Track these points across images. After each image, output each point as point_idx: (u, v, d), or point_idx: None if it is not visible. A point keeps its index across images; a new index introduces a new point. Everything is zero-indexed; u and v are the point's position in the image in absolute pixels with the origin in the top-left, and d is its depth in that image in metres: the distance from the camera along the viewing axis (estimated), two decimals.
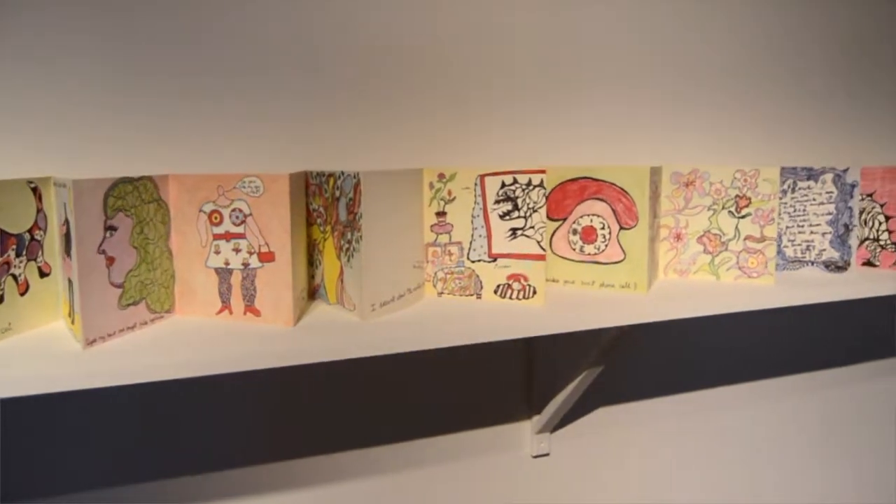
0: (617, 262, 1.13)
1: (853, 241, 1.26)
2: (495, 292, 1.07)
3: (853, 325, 1.75)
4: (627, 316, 1.02)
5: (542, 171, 1.02)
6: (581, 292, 1.13)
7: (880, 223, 1.36)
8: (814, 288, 1.18)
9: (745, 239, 1.21)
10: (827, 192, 1.28)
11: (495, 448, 1.31)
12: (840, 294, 1.20)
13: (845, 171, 1.26)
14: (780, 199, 1.31)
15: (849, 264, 1.27)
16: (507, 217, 1.05)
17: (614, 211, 1.13)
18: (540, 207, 1.02)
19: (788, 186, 1.30)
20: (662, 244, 1.27)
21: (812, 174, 1.28)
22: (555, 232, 1.18)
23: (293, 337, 0.88)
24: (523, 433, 1.34)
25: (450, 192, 1.08)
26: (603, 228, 1.14)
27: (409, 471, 1.25)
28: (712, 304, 1.09)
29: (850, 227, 1.26)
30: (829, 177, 1.27)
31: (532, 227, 1.03)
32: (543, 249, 1.03)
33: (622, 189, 1.12)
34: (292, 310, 0.94)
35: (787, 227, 1.31)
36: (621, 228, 1.12)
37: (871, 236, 1.37)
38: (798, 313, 1.63)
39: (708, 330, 1.54)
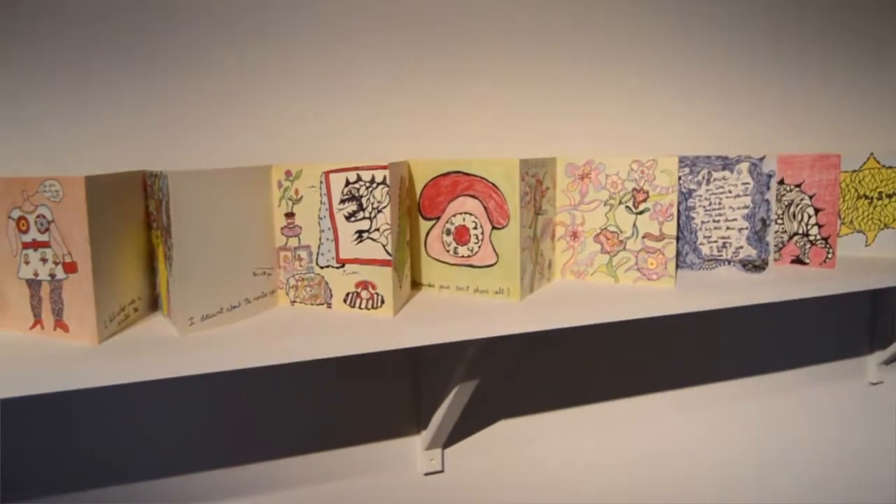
0: (490, 265, 1.02)
1: (770, 238, 1.13)
2: (345, 301, 0.97)
3: (779, 327, 1.61)
4: (488, 327, 0.92)
5: (385, 167, 0.91)
6: (452, 299, 1.03)
7: (809, 216, 1.23)
8: (720, 291, 1.06)
9: (643, 237, 1.09)
10: (743, 184, 1.15)
11: (385, 465, 1.21)
12: (749, 298, 1.07)
13: (762, 159, 1.13)
14: (695, 191, 1.18)
15: (766, 263, 1.14)
16: (353, 218, 0.95)
17: (486, 209, 1.01)
18: (384, 207, 0.92)
19: (703, 177, 1.18)
20: (559, 243, 1.15)
21: (727, 163, 1.15)
22: (429, 232, 1.07)
23: (89, 357, 0.79)
24: (413, 449, 1.24)
25: (297, 191, 0.98)
26: (475, 228, 1.03)
27: (294, 490, 1.17)
28: (597, 310, 0.98)
29: (768, 221, 1.13)
30: (745, 166, 1.14)
31: (377, 230, 0.93)
32: (390, 254, 0.93)
33: (493, 184, 1.00)
34: (96, 325, 0.85)
35: (703, 223, 1.18)
36: (493, 228, 1.01)
37: (801, 231, 1.24)
38: (724, 315, 1.50)
39: (613, 335, 1.42)
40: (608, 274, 1.12)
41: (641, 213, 1.08)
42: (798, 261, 1.25)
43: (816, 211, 1.22)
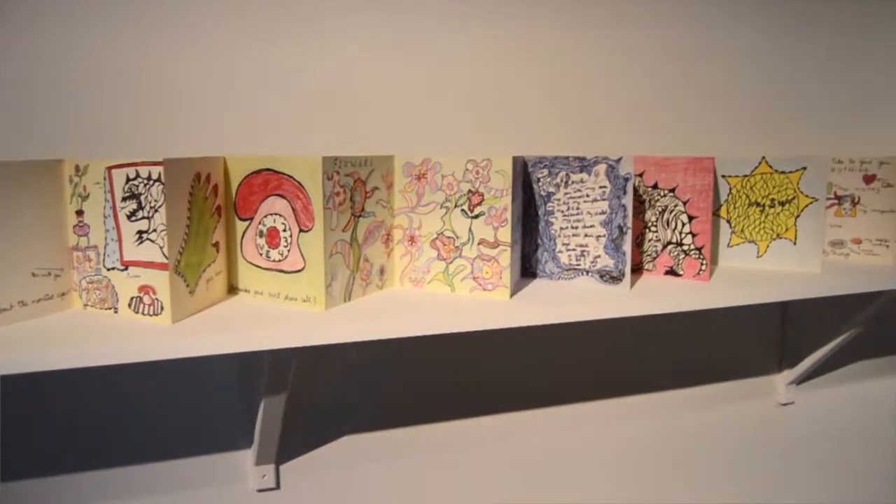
0: (298, 270, 0.94)
1: (628, 247, 1.04)
2: (129, 306, 0.89)
3: (684, 340, 1.50)
4: (271, 338, 0.84)
5: (159, 163, 0.84)
6: (261, 306, 0.95)
7: (683, 224, 1.13)
8: (561, 304, 0.97)
9: (478, 243, 1.00)
10: (600, 187, 1.05)
11: (216, 480, 1.14)
12: (592, 312, 0.98)
13: (618, 160, 1.03)
14: (554, 194, 1.09)
15: (623, 274, 1.04)
16: (134, 217, 0.87)
17: (294, 210, 0.93)
18: (160, 206, 0.84)
19: (562, 180, 1.08)
20: (398, 248, 1.07)
21: (585, 165, 1.06)
22: (244, 234, 0.99)
23: None
24: (244, 464, 1.16)
25: (85, 188, 0.91)
26: (285, 230, 0.95)
27: None
28: (413, 322, 0.90)
29: (625, 229, 1.03)
30: (602, 168, 1.05)
31: (155, 230, 0.85)
32: (166, 257, 0.85)
33: (299, 184, 0.92)
34: None
35: (562, 229, 1.09)
36: (300, 231, 0.93)
37: (675, 240, 1.14)
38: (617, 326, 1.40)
39: (482, 346, 1.33)
40: (445, 282, 1.03)
41: (477, 217, 1.00)
42: (672, 272, 1.15)
43: (690, 218, 1.12)
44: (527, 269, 1.14)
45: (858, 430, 1.67)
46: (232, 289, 1.01)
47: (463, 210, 1.00)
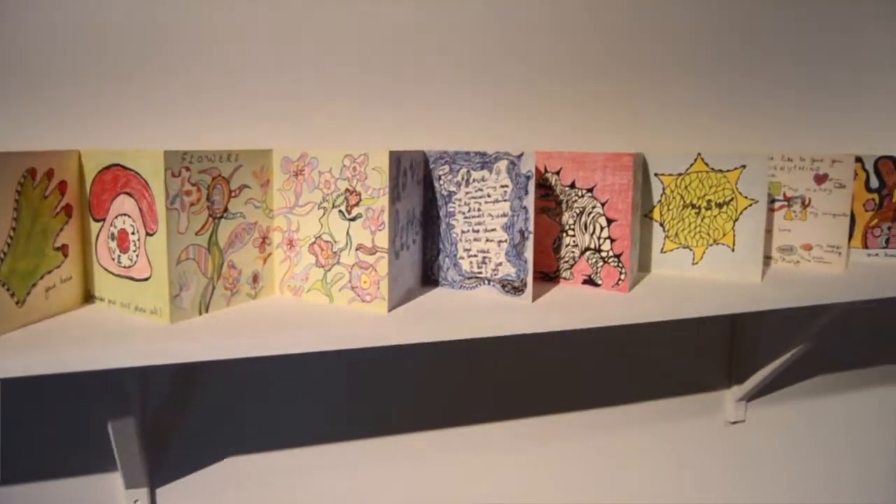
0: (146, 278, 0.84)
1: (529, 254, 0.92)
2: None
3: (630, 353, 1.39)
4: (103, 357, 0.74)
5: None
6: (107, 317, 0.86)
7: (602, 228, 1.01)
8: (450, 319, 0.87)
9: (357, 249, 0.89)
10: (502, 186, 0.94)
11: None
12: (482, 330, 0.87)
13: (519, 156, 0.92)
14: (455, 193, 0.98)
15: (525, 284, 0.93)
16: None
17: (141, 210, 0.83)
18: None
19: (463, 178, 0.97)
20: (277, 252, 0.96)
21: (486, 161, 0.95)
22: (98, 236, 0.89)
23: None
24: (115, 488, 1.06)
25: None
26: (133, 233, 0.85)
27: None
28: (270, 339, 0.80)
29: (526, 233, 0.92)
30: (503, 165, 0.94)
31: None
32: None
33: (145, 181, 0.82)
34: None
35: (463, 233, 0.98)
36: (147, 234, 0.82)
37: (593, 245, 1.02)
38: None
39: (390, 361, 1.22)
40: (323, 292, 0.93)
41: (354, 219, 0.89)
42: (590, 281, 1.03)
43: (609, 222, 1.01)
44: (429, 277, 1.03)
45: (811, 449, 1.54)
46: (89, 297, 0.91)
47: (340, 211, 0.90)
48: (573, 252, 1.04)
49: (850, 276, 1.15)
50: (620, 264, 1.00)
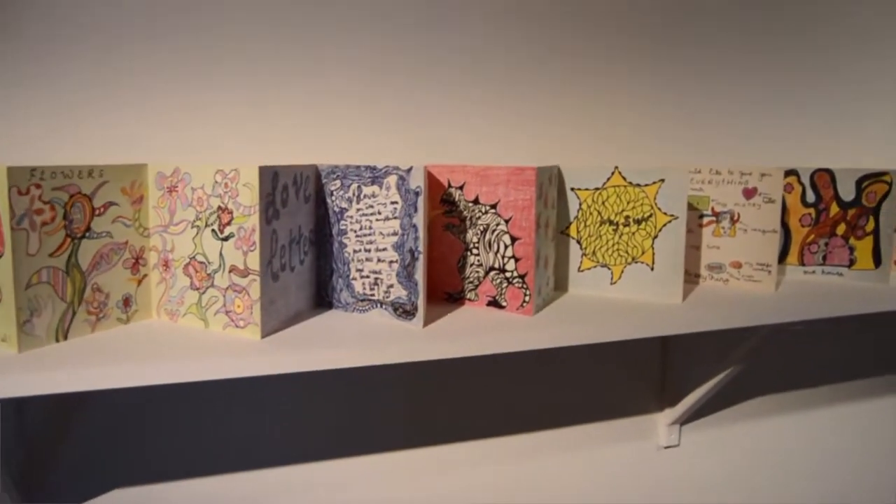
0: None
1: (420, 276, 0.86)
2: None
3: (560, 375, 1.32)
4: None
5: None
6: None
7: (506, 246, 0.95)
8: (326, 346, 0.81)
9: (230, 271, 0.83)
10: (392, 203, 0.88)
11: None
12: (357, 359, 0.81)
13: (409, 170, 0.86)
14: (347, 210, 0.92)
15: (416, 308, 0.87)
16: None
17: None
18: None
19: (354, 194, 0.91)
20: (154, 274, 0.90)
21: (377, 176, 0.89)
22: None
23: None
24: None
25: None
26: None
27: None
28: (130, 370, 0.74)
29: (416, 253, 0.86)
30: (392, 180, 0.88)
31: None
32: None
33: None
34: None
35: (355, 252, 0.92)
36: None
37: (497, 265, 0.96)
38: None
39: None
40: (198, 316, 0.87)
41: (227, 239, 0.83)
42: (495, 303, 0.97)
43: (513, 240, 0.95)
44: (323, 299, 0.97)
45: (746, 474, 1.48)
46: None
47: (213, 230, 0.84)
48: (478, 272, 0.98)
49: (779, 296, 1.09)
50: (525, 285, 0.94)
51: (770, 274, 1.10)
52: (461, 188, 0.98)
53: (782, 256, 1.24)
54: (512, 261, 0.95)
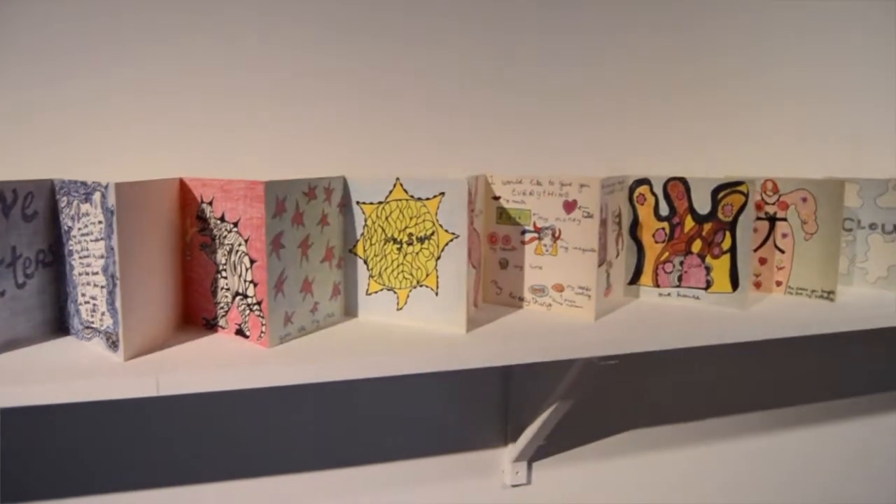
0: None
1: (119, 303, 0.78)
2: None
3: (399, 406, 1.20)
4: None
5: None
6: None
7: (246, 269, 0.86)
8: (18, 382, 0.73)
9: None
10: (99, 222, 0.80)
11: None
12: (34, 397, 0.73)
13: (107, 186, 0.78)
14: (71, 230, 0.84)
15: (119, 339, 0.79)
16: None
17: None
18: None
19: (75, 211, 0.84)
20: None
21: (88, 192, 0.81)
22: None
23: None
24: None
25: None
26: None
27: None
28: None
29: (115, 278, 0.78)
30: (98, 197, 0.80)
31: None
32: None
33: None
34: None
35: (80, 275, 0.84)
36: None
37: (241, 289, 0.87)
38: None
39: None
40: None
41: None
42: (241, 332, 0.88)
43: (252, 262, 0.85)
44: (62, 325, 0.89)
45: None
46: None
47: None
48: (227, 296, 0.89)
49: (597, 325, 0.95)
50: (262, 314, 0.84)
51: (590, 299, 0.96)
52: (210, 204, 0.89)
53: (636, 277, 1.09)
54: (252, 286, 0.85)
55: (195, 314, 0.93)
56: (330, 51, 1.10)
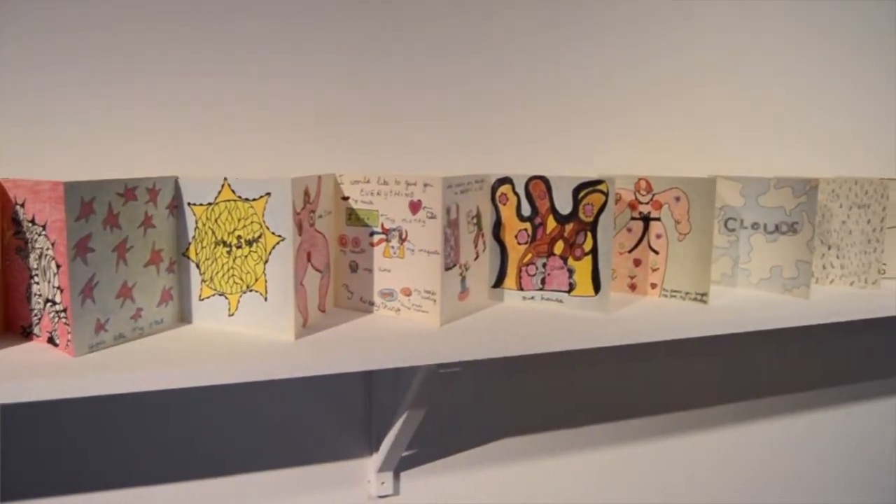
0: None
1: None
2: None
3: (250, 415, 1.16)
4: None
5: None
6: None
7: (54, 274, 0.81)
8: None
9: None
10: None
11: None
12: None
13: None
14: None
15: None
16: None
17: None
18: None
19: None
20: None
21: None
22: None
23: None
24: None
25: None
26: None
27: None
28: None
29: None
30: None
31: None
32: None
33: None
34: None
35: None
36: None
37: (51, 296, 0.82)
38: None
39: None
40: None
41: None
42: (52, 341, 0.83)
43: (58, 267, 0.80)
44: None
45: None
46: None
47: None
48: (39, 303, 0.84)
49: (442, 332, 0.91)
50: (68, 321, 0.80)
51: (436, 304, 0.92)
52: (23, 206, 0.84)
53: (500, 280, 1.05)
54: (59, 292, 0.81)
55: (14, 321, 0.88)
56: (175, 51, 1.06)
